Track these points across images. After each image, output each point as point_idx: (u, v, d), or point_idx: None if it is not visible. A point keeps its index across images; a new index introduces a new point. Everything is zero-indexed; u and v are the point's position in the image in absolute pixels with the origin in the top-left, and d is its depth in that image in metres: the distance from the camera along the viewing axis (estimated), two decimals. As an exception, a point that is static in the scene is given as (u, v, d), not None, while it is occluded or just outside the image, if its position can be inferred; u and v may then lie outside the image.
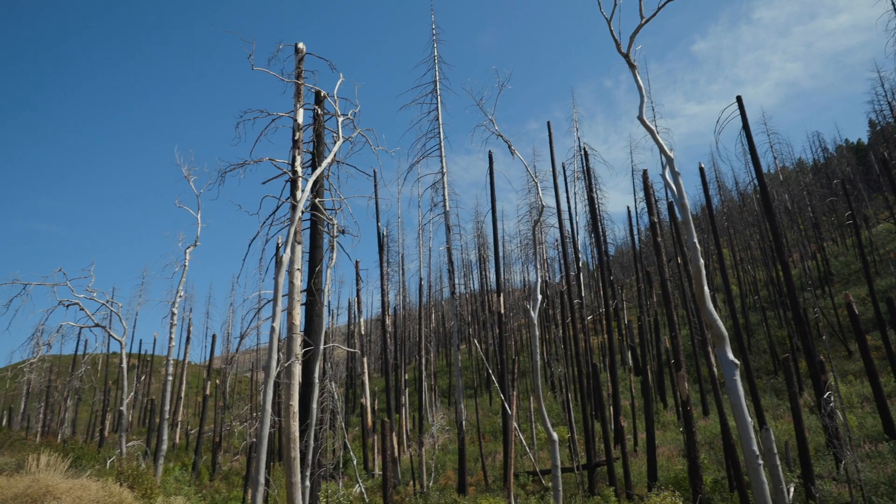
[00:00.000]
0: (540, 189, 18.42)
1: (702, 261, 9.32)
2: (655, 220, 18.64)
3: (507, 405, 21.53)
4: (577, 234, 28.53)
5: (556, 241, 47.88)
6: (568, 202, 29.82)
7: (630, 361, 36.50)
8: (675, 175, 9.93)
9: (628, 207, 46.76)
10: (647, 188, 20.79)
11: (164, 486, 15.63)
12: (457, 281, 24.65)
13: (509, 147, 17.69)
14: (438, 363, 57.06)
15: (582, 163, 31.86)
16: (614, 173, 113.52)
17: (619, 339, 42.18)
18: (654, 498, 8.47)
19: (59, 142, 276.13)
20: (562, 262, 42.71)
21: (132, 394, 22.12)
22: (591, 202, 25.80)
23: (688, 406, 15.04)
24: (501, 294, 24.51)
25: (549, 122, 25.62)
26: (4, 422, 57.52)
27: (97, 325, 19.64)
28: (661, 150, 10.21)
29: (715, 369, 18.04)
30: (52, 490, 9.83)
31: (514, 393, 22.61)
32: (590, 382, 24.74)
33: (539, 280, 17.09)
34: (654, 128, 10.35)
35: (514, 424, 21.81)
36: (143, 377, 59.20)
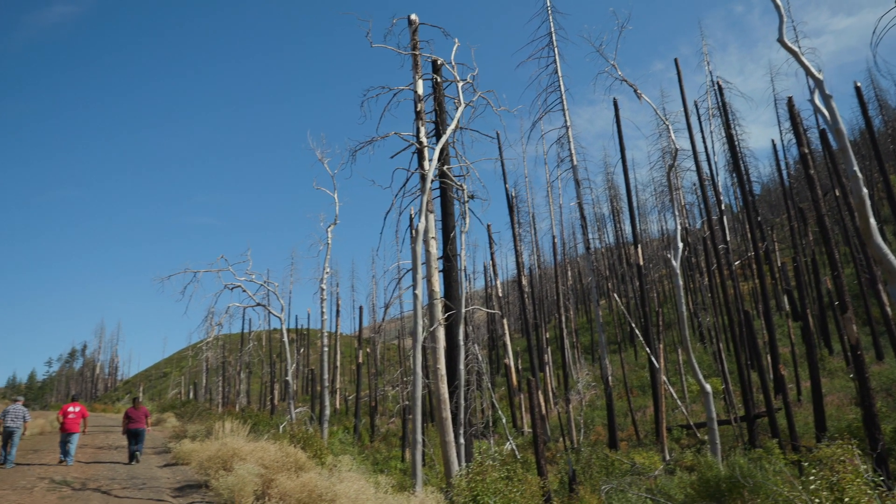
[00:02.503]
0: (672, 131, 17.49)
1: (865, 190, 8.44)
2: (806, 151, 17.06)
3: (653, 359, 20.98)
4: (717, 175, 26.77)
5: (694, 185, 45.39)
6: (704, 142, 28.00)
7: (787, 306, 34.02)
8: (826, 99, 9.01)
9: (773, 141, 43.06)
10: (793, 117, 19.04)
11: (331, 448, 16.93)
12: (590, 236, 24.17)
13: (635, 91, 16.90)
14: (578, 320, 56.50)
15: (716, 98, 29.63)
16: (753, 106, 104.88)
17: (772, 284, 39.36)
18: (825, 449, 7.94)
19: (206, 139, 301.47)
20: (701, 206, 40.36)
21: (294, 365, 24.06)
22: (730, 139, 24.06)
23: (858, 350, 13.83)
24: (639, 245, 23.71)
25: (676, 60, 24.10)
26: (191, 395, 64.87)
27: (258, 305, 21.47)
28: (808, 73, 9.29)
29: (888, 309, 16.40)
30: (238, 452, 11.03)
31: (661, 346, 21.98)
32: (742, 331, 23.42)
33: (678, 227, 16.33)
34: (797, 49, 9.43)
35: (663, 378, 21.24)
36: (301, 350, 63.96)
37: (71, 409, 14.92)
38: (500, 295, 36.65)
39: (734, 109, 38.93)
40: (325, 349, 21.38)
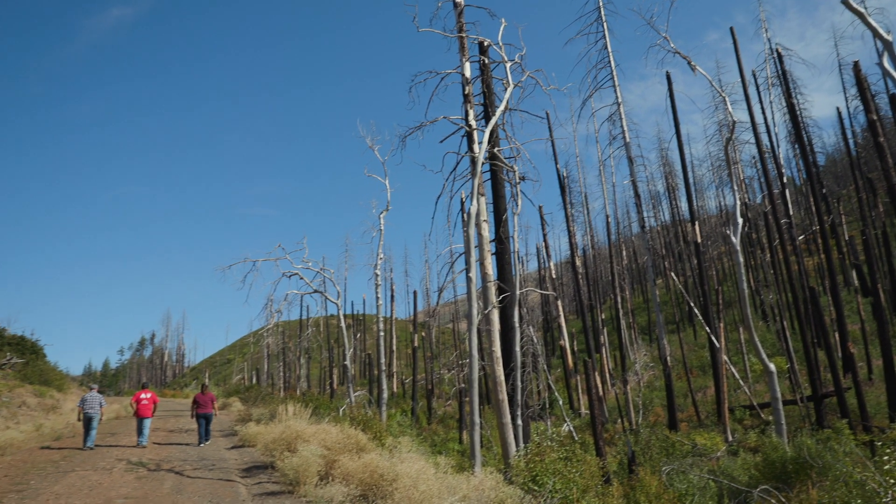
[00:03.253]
0: (729, 104, 16.92)
1: (940, 157, 7.99)
2: (874, 117, 16.24)
3: (713, 338, 20.51)
4: (778, 147, 25.68)
5: (753, 158, 43.81)
6: (763, 113, 26.94)
7: (855, 281, 32.61)
8: (896, 62, 8.54)
9: (838, 109, 41.02)
10: (860, 82, 18.13)
11: (390, 430, 17.24)
12: (645, 214, 23.70)
13: (689, 63, 16.41)
14: (635, 300, 55.60)
15: (775, 66, 28.36)
16: (816, 73, 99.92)
17: (839, 259, 37.81)
18: (899, 428, 7.59)
19: (259, 129, 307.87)
20: (762, 180, 38.95)
21: (351, 350, 24.60)
22: (791, 109, 23.10)
23: (934, 325, 13.17)
24: (696, 222, 23.13)
25: (731, 29, 23.24)
26: (254, 380, 67.02)
27: (315, 291, 21.95)
28: (876, 35, 8.82)
29: (967, 281, 15.55)
30: (301, 434, 11.38)
31: (721, 325, 21.44)
32: (808, 308, 22.62)
33: (737, 203, 15.84)
34: (863, 10, 8.95)
35: (724, 357, 20.75)
36: (358, 335, 65.15)
37: (143, 395, 15.69)
38: (554, 276, 36.39)
39: (795, 77, 37.25)
40: (381, 334, 21.71)
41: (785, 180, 24.93)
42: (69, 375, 43.47)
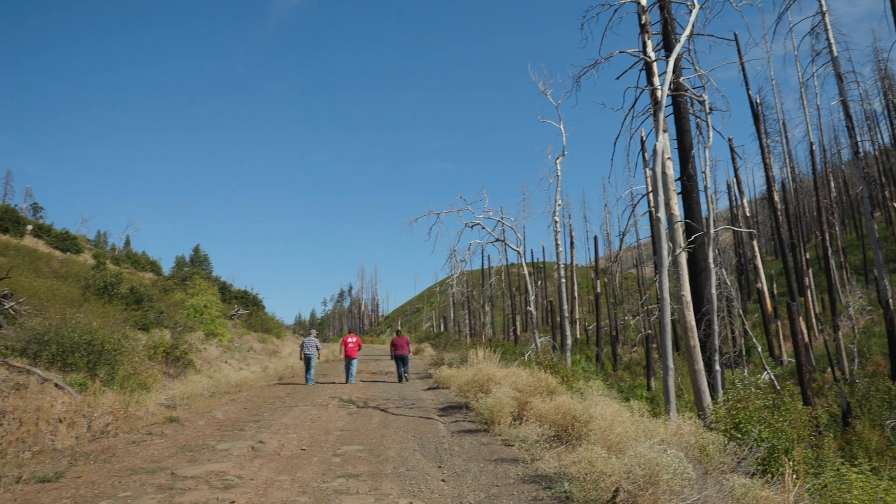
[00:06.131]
0: (972, -3, 14.15)
1: None
2: None
3: (950, 276, 17.73)
4: None
5: None
6: None
7: None
8: None
9: None
10: None
11: (575, 375, 17.37)
12: (859, 138, 20.88)
13: (917, -45, 13.90)
14: (846, 237, 49.61)
15: None
16: None
17: None
18: None
19: (434, 87, 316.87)
20: None
21: (534, 297, 24.84)
22: None
23: None
24: (926, 143, 19.89)
25: None
26: (442, 327, 70.67)
27: (497, 240, 22.43)
28: None
29: None
30: (493, 377, 11.90)
31: (961, 260, 18.46)
32: None
33: (984, 115, 13.34)
34: None
35: (965, 298, 17.89)
36: (538, 282, 65.61)
37: (350, 339, 17.52)
38: (748, 214, 33.58)
39: None
40: (563, 280, 21.67)
41: None
42: (284, 324, 49.10)
